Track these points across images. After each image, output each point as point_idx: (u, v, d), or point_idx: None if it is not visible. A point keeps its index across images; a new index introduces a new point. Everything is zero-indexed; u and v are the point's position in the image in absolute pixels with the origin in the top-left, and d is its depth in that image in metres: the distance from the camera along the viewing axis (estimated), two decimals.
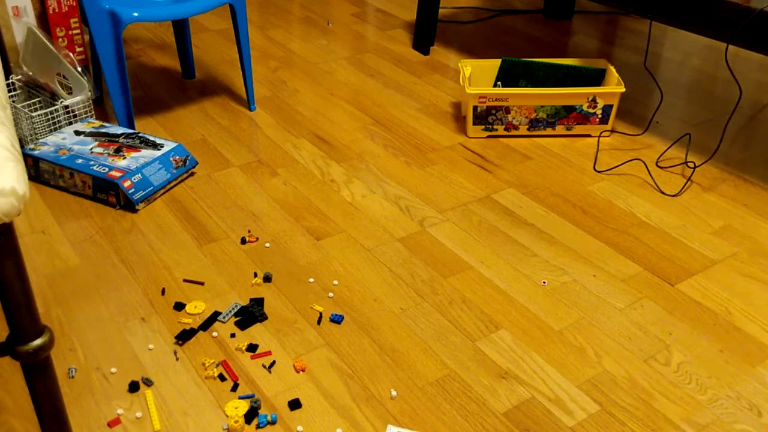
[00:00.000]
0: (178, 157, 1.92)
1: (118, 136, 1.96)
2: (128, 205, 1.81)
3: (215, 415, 1.26)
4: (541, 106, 2.11)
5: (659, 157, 2.05)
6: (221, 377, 1.34)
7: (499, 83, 2.24)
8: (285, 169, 2.00)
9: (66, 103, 2.02)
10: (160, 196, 1.87)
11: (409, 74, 2.56)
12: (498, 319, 1.49)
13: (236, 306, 1.50)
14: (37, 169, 1.89)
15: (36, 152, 1.89)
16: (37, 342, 0.87)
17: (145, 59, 2.66)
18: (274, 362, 1.37)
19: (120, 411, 1.26)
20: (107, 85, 2.04)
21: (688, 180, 1.96)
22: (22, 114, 1.97)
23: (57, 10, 2.12)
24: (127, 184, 1.78)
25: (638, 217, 1.82)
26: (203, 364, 1.36)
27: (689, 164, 2.01)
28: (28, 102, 2.03)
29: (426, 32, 2.71)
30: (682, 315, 1.51)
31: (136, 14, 1.97)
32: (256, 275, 1.59)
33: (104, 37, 1.96)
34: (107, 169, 1.81)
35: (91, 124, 2.03)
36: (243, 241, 1.70)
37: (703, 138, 2.09)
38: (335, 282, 1.58)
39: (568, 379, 1.35)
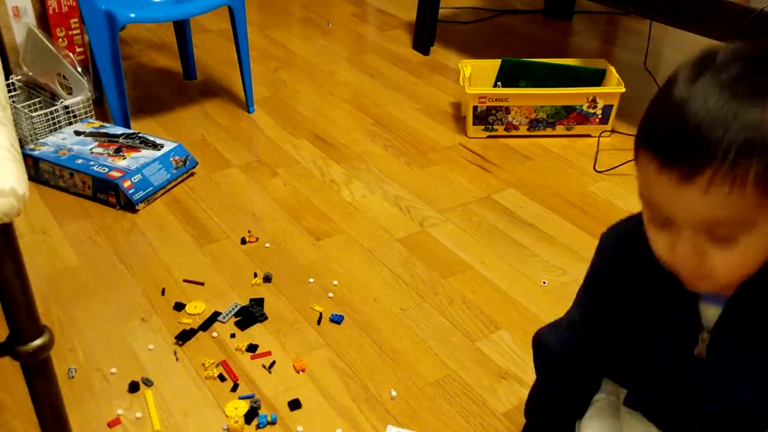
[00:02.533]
0: (178, 158, 1.92)
1: (118, 136, 1.96)
2: (128, 206, 1.81)
3: (215, 416, 1.26)
4: (541, 106, 2.11)
5: None
6: (221, 377, 1.34)
7: (499, 83, 2.24)
8: (285, 169, 2.00)
9: (66, 103, 2.02)
10: (160, 196, 1.87)
11: (409, 74, 2.56)
12: (498, 319, 1.49)
13: (236, 306, 1.50)
14: (37, 170, 1.89)
15: (36, 152, 1.89)
16: (37, 342, 0.87)
17: (145, 60, 2.66)
18: (274, 362, 1.37)
19: (120, 411, 1.26)
20: (104, 85, 2.04)
21: None
22: (22, 114, 1.97)
23: (57, 11, 2.12)
24: (127, 184, 1.78)
25: None
26: (203, 365, 1.36)
27: None
28: (28, 102, 2.03)
29: (426, 32, 2.71)
30: None
31: (132, 15, 1.97)
32: (256, 275, 1.59)
33: (100, 37, 1.95)
34: (107, 170, 1.81)
35: (91, 125, 2.03)
36: (243, 241, 1.70)
37: None
38: (335, 282, 1.58)
39: None
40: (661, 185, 0.70)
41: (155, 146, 1.92)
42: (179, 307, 1.49)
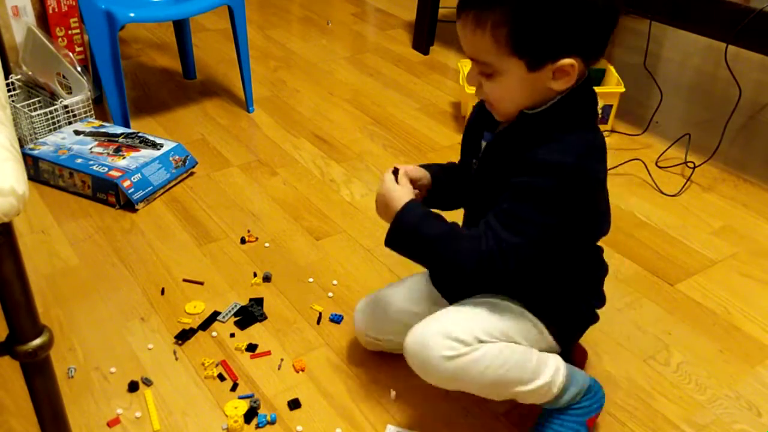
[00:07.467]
0: (177, 157, 1.92)
1: (117, 135, 1.96)
2: (128, 205, 1.81)
3: (215, 415, 1.26)
4: None
5: (659, 157, 2.05)
6: (221, 377, 1.34)
7: None
8: (284, 168, 2.00)
9: (65, 102, 2.02)
10: (159, 195, 1.87)
11: (409, 74, 2.56)
12: None
13: (236, 306, 1.50)
14: (36, 169, 1.89)
15: (35, 152, 1.89)
16: (37, 342, 0.87)
17: (145, 59, 2.66)
18: (273, 362, 1.37)
19: (119, 411, 1.26)
20: (103, 85, 2.04)
21: (687, 180, 1.96)
22: (21, 114, 1.97)
23: (57, 10, 2.12)
24: (126, 183, 1.78)
25: (638, 217, 1.82)
26: (203, 364, 1.36)
27: (689, 164, 2.01)
28: (27, 102, 2.03)
29: (426, 32, 2.71)
30: (682, 315, 1.51)
31: (132, 14, 1.96)
32: (255, 275, 1.59)
33: (100, 37, 1.95)
34: (107, 169, 1.81)
35: (91, 124, 2.03)
36: (242, 240, 1.70)
37: (703, 138, 2.09)
38: (335, 282, 1.58)
39: None
40: (458, 26, 0.96)
41: (155, 146, 1.92)
42: (179, 306, 1.49)
